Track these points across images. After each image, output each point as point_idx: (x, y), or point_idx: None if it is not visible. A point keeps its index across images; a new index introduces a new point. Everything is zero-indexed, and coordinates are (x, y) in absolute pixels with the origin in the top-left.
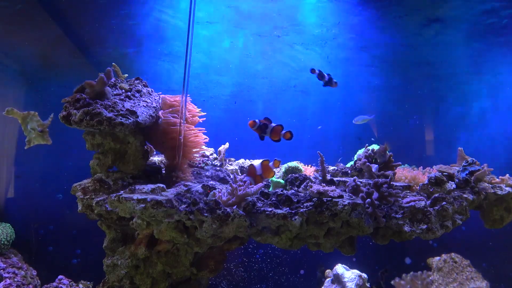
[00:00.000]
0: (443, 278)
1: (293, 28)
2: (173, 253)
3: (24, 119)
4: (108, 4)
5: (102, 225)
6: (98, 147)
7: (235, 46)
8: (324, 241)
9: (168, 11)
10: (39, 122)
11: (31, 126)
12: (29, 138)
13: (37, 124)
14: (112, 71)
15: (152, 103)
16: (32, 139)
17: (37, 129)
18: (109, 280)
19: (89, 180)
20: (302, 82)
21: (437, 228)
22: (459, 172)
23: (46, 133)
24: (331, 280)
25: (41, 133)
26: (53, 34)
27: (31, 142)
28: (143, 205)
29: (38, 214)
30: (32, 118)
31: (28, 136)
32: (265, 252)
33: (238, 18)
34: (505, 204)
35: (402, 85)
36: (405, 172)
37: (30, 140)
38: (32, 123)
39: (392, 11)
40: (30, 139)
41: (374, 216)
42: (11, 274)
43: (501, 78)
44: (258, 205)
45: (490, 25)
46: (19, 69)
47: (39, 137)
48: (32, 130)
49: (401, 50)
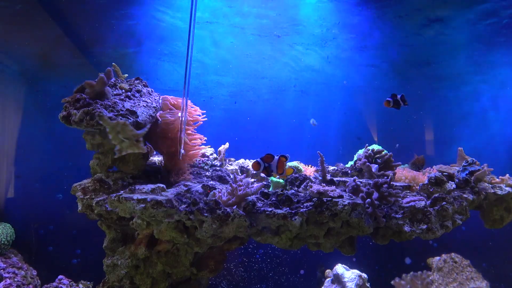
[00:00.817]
0: (443, 278)
1: (293, 28)
2: (173, 253)
3: (114, 128)
4: (108, 4)
5: (102, 225)
6: (98, 147)
7: (235, 46)
8: (324, 241)
9: (168, 11)
10: (132, 131)
11: (124, 136)
12: (121, 147)
13: (132, 134)
14: (112, 71)
15: (152, 103)
16: (124, 148)
17: (133, 138)
18: (109, 280)
19: (89, 180)
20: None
21: (437, 228)
22: (459, 172)
23: (140, 142)
24: (331, 280)
25: (136, 142)
26: (53, 34)
27: (123, 151)
28: (143, 205)
29: (38, 214)
30: (123, 128)
31: (120, 145)
32: (265, 252)
33: (238, 18)
34: (505, 204)
35: (402, 85)
36: (405, 172)
37: (122, 149)
38: (124, 133)
39: (392, 11)
40: (122, 148)
41: (374, 216)
42: (11, 274)
43: (501, 78)
44: (258, 205)
45: (490, 25)
46: (19, 69)
47: (133, 146)
48: (125, 140)
49: (401, 50)
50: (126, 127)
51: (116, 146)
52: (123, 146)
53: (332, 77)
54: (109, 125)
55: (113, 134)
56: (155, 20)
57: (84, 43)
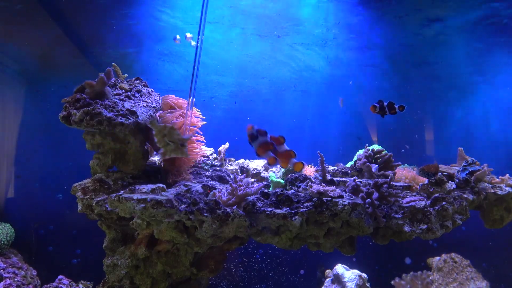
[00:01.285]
0: (443, 278)
1: (293, 28)
2: (173, 253)
3: (160, 131)
4: (108, 4)
5: (102, 225)
6: (98, 147)
7: (235, 46)
8: (324, 241)
9: (168, 11)
10: (179, 136)
11: (170, 139)
12: (166, 150)
13: (178, 138)
14: (112, 71)
15: (152, 103)
16: (169, 152)
17: (179, 142)
18: (109, 280)
19: (89, 180)
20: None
21: (437, 228)
22: (459, 172)
23: (185, 147)
24: (331, 280)
25: (182, 146)
26: (53, 34)
27: (167, 154)
28: (143, 205)
29: (38, 214)
30: (170, 132)
31: (165, 148)
32: (265, 252)
33: (238, 18)
34: (505, 204)
35: (402, 85)
36: (405, 172)
37: (166, 152)
38: (171, 136)
39: (392, 11)
40: (166, 151)
41: (374, 216)
42: (11, 274)
43: (501, 78)
44: (258, 205)
45: (490, 25)
46: (19, 69)
47: (179, 150)
48: (171, 143)
49: (401, 50)
50: (174, 130)
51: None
52: (168, 150)
53: (332, 77)
54: (157, 128)
55: (159, 137)
56: (155, 20)
57: (84, 43)
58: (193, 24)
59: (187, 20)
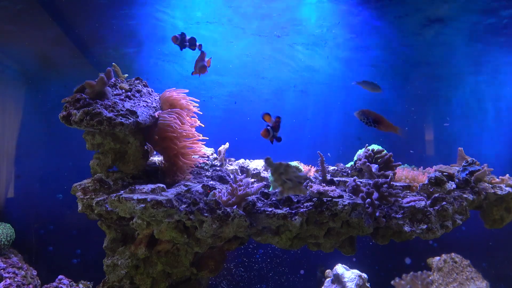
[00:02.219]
0: (443, 278)
1: (293, 28)
2: (173, 253)
3: (276, 170)
4: (108, 4)
5: (102, 225)
6: (98, 147)
7: (235, 46)
8: (324, 241)
9: (168, 11)
10: (296, 173)
11: (287, 177)
12: (283, 189)
13: (295, 176)
14: (112, 71)
15: (152, 103)
16: (287, 190)
17: (296, 180)
18: (109, 280)
19: (89, 180)
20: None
21: (437, 228)
22: (459, 172)
23: (301, 184)
24: (331, 280)
25: (299, 184)
26: (53, 34)
27: (285, 192)
28: (143, 205)
29: (38, 214)
30: (287, 170)
31: (282, 187)
32: (265, 252)
33: (238, 18)
34: (505, 204)
35: (402, 85)
36: (405, 172)
37: (284, 191)
38: (288, 174)
39: (392, 11)
40: (284, 190)
41: (374, 216)
42: (11, 274)
43: (501, 78)
44: (258, 205)
45: (490, 25)
46: (19, 69)
47: (296, 188)
48: (288, 181)
49: (401, 50)
50: (290, 169)
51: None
52: (286, 188)
53: (332, 77)
54: (272, 165)
55: (276, 176)
56: (155, 20)
57: (84, 43)
58: (193, 24)
59: (187, 20)
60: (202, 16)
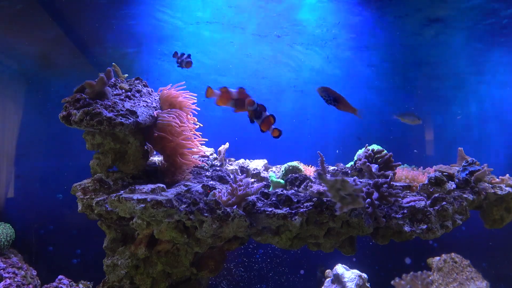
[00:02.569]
0: (443, 278)
1: (293, 28)
2: (173, 253)
3: (333, 187)
4: (108, 4)
5: (102, 225)
6: (98, 147)
7: (235, 46)
8: (324, 241)
9: (168, 11)
10: (352, 187)
11: (345, 192)
12: (342, 205)
13: (353, 190)
14: (112, 71)
15: (152, 103)
16: (346, 205)
17: (354, 194)
18: (109, 280)
19: (89, 180)
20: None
21: (437, 228)
22: (459, 172)
23: (360, 198)
24: (331, 280)
25: (357, 198)
26: (53, 34)
27: (344, 208)
28: (143, 205)
29: (38, 214)
30: (344, 185)
31: (341, 203)
32: (265, 252)
33: (238, 18)
34: (505, 204)
35: (402, 85)
36: (405, 172)
37: (343, 206)
38: (346, 189)
39: (392, 11)
40: (343, 206)
41: (374, 216)
42: (11, 274)
43: (501, 78)
44: (258, 205)
45: (490, 25)
46: (19, 69)
47: (355, 203)
48: (347, 196)
49: (401, 50)
50: (345, 183)
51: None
52: (345, 204)
53: (332, 77)
54: (327, 182)
55: (334, 192)
56: (155, 20)
57: (84, 43)
58: (193, 24)
59: (187, 20)
60: (202, 16)
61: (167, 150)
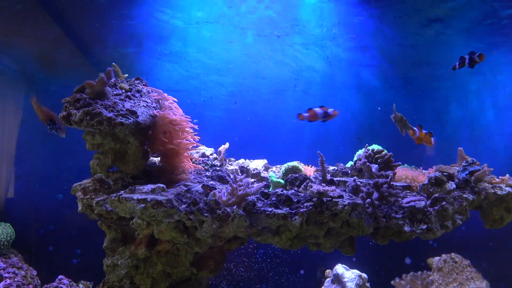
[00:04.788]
0: (443, 278)
1: (293, 28)
2: (173, 253)
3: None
4: (108, 4)
5: (102, 225)
6: (98, 147)
7: (235, 46)
8: (324, 241)
9: (168, 11)
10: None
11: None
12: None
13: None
14: (112, 71)
15: (152, 103)
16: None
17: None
18: (109, 280)
19: (89, 180)
20: (302, 82)
21: (437, 228)
22: (459, 172)
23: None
24: (331, 280)
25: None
26: (53, 34)
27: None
28: (143, 205)
29: (38, 214)
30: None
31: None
32: (265, 252)
33: (238, 18)
34: (505, 204)
35: (402, 85)
36: (405, 172)
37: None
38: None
39: (392, 11)
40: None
41: (374, 216)
42: (11, 274)
43: (501, 78)
44: (258, 205)
45: (490, 25)
46: (19, 69)
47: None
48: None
49: (401, 50)
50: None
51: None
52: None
53: (332, 77)
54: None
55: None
56: (155, 20)
57: (84, 43)
58: (193, 24)
59: (187, 20)
60: (202, 16)
61: (166, 150)
